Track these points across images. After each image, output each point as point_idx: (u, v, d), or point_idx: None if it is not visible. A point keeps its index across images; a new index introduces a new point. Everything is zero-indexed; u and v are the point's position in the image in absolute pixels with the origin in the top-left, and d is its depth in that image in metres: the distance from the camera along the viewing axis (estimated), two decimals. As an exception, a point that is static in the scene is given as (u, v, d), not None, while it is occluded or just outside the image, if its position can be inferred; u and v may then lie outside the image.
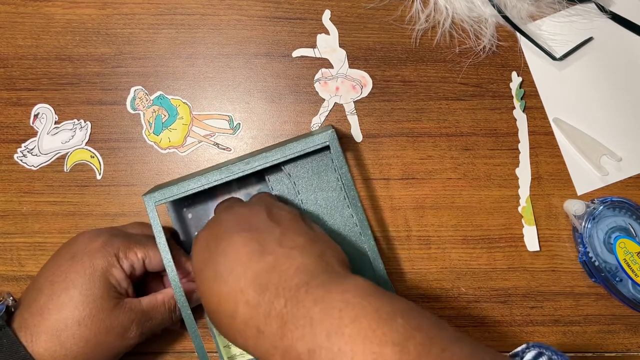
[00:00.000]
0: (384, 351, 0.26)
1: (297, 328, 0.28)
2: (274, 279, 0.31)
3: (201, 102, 0.48)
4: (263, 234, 0.34)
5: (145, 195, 0.39)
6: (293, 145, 0.38)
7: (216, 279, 0.33)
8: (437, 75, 0.48)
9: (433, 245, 0.47)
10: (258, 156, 0.38)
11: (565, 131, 0.47)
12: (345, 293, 0.29)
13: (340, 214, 0.43)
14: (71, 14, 0.47)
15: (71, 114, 0.47)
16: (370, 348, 0.26)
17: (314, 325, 0.28)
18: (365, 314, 0.28)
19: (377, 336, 0.27)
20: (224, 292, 0.32)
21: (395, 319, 0.27)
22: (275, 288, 0.31)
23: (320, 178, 0.43)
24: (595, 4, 0.47)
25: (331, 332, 0.27)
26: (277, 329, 0.29)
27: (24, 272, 0.47)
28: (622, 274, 0.44)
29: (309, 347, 0.28)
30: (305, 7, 0.47)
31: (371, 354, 0.26)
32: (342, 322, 0.28)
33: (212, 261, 0.34)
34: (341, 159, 0.39)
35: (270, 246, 0.33)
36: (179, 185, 0.38)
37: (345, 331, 0.27)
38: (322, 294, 0.29)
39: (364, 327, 0.27)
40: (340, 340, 0.27)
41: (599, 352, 0.47)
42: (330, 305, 0.28)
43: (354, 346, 0.27)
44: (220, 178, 0.38)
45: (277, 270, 0.32)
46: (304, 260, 0.32)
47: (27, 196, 0.47)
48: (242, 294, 0.31)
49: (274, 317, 0.30)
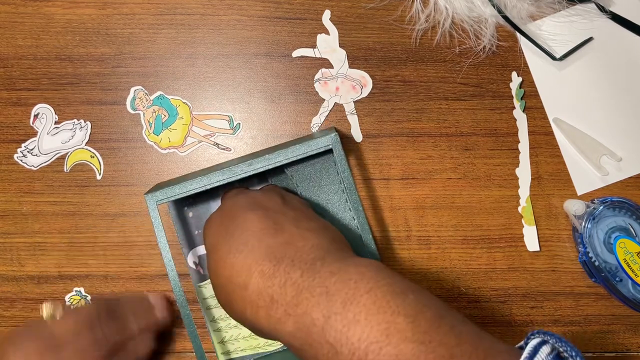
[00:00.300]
0: (396, 320, 0.27)
1: (313, 296, 0.30)
2: (290, 252, 0.32)
3: (201, 102, 0.48)
4: (277, 214, 0.35)
5: (147, 194, 0.39)
6: (296, 148, 0.38)
7: (230, 252, 0.34)
8: (437, 75, 0.48)
9: (433, 245, 0.47)
10: (261, 158, 0.38)
11: (565, 131, 0.47)
12: (361, 266, 0.30)
13: (341, 216, 0.43)
14: (71, 14, 0.47)
15: (71, 114, 0.47)
16: (383, 317, 0.27)
17: (330, 294, 0.29)
18: (379, 286, 0.29)
19: (391, 307, 0.28)
20: (238, 262, 0.33)
21: (407, 294, 0.29)
22: (291, 260, 0.32)
23: (323, 180, 0.43)
24: (595, 4, 0.47)
25: (346, 301, 0.29)
26: (292, 297, 0.30)
27: (24, 272, 0.47)
28: (622, 274, 0.44)
29: (323, 313, 0.29)
30: (305, 7, 0.47)
31: (385, 323, 0.27)
32: (358, 292, 0.29)
33: (227, 236, 0.35)
34: (344, 162, 0.39)
35: (285, 225, 0.34)
36: (181, 184, 0.38)
37: (360, 300, 0.28)
38: (338, 267, 0.31)
39: (379, 298, 0.28)
40: (355, 308, 0.28)
41: (599, 352, 0.47)
42: (346, 277, 0.30)
43: (368, 315, 0.28)
44: (222, 179, 0.38)
45: (293, 245, 0.33)
46: (318, 240, 0.33)
47: (27, 196, 0.47)
48: (257, 265, 0.32)
49: (290, 286, 0.31)
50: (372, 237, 0.40)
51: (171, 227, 0.45)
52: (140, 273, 0.47)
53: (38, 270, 0.47)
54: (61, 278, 0.47)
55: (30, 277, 0.47)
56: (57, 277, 0.47)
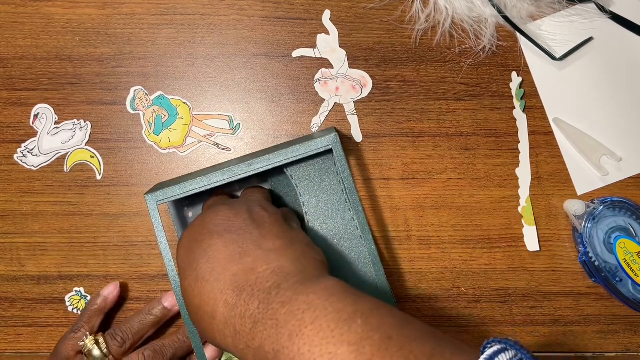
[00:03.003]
0: (339, 350, 0.27)
1: (265, 329, 0.29)
2: (251, 280, 0.32)
3: (201, 102, 0.48)
4: (243, 236, 0.35)
5: (147, 194, 0.39)
6: (296, 148, 0.38)
7: (197, 280, 0.34)
8: (437, 75, 0.48)
9: (433, 245, 0.47)
10: (260, 158, 0.38)
11: (565, 131, 0.47)
12: (311, 295, 0.30)
13: (341, 217, 0.43)
14: (71, 14, 0.47)
15: (71, 114, 0.47)
16: (326, 348, 0.27)
17: (279, 327, 0.29)
18: (325, 314, 0.28)
19: (335, 336, 0.27)
20: (205, 292, 0.33)
21: (355, 319, 0.28)
22: (251, 289, 0.32)
23: (323, 180, 0.43)
24: (595, 4, 0.47)
25: (293, 333, 0.28)
26: (250, 330, 0.30)
27: (24, 272, 0.47)
28: (622, 274, 0.44)
29: (274, 347, 0.29)
30: (305, 7, 0.47)
31: (327, 354, 0.27)
32: (304, 323, 0.28)
33: (194, 262, 0.34)
34: (344, 162, 0.39)
35: (250, 248, 0.34)
36: (181, 185, 0.38)
37: (305, 332, 0.28)
38: (290, 296, 0.30)
39: (324, 328, 0.28)
40: (300, 341, 0.28)
41: (599, 352, 0.47)
42: (295, 307, 0.29)
43: (312, 347, 0.27)
44: (222, 179, 0.38)
45: (255, 272, 0.32)
46: (280, 262, 0.33)
47: (27, 196, 0.47)
48: (222, 294, 0.32)
49: (248, 318, 0.31)
50: (373, 237, 0.40)
51: (171, 227, 0.45)
52: (140, 273, 0.47)
53: (38, 270, 0.47)
54: (61, 278, 0.47)
55: (30, 277, 0.47)
56: (57, 277, 0.47)
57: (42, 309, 0.47)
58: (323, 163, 0.43)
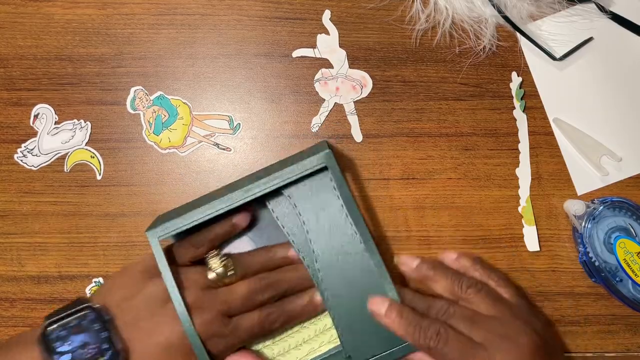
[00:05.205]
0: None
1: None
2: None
3: (201, 102, 0.48)
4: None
5: (148, 230, 0.39)
6: (290, 170, 0.39)
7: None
8: (437, 75, 0.48)
9: (433, 245, 0.47)
10: (257, 182, 0.39)
11: (565, 131, 0.47)
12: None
13: (343, 231, 0.42)
14: (71, 14, 0.47)
15: (71, 114, 0.47)
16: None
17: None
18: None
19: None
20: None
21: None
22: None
23: (320, 197, 0.42)
24: (595, 4, 0.47)
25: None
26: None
27: (24, 272, 0.47)
28: (622, 274, 0.44)
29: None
30: (305, 7, 0.47)
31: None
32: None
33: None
34: (339, 177, 0.39)
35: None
36: (182, 217, 0.39)
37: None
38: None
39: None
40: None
41: (599, 352, 0.47)
42: None
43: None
44: (222, 207, 0.39)
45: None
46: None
47: (27, 196, 0.47)
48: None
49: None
50: (377, 249, 0.40)
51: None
52: (140, 273, 0.47)
53: (38, 270, 0.47)
54: (61, 278, 0.47)
55: (30, 277, 0.47)
56: (57, 277, 0.47)
57: (42, 309, 0.47)
58: (319, 180, 0.42)
